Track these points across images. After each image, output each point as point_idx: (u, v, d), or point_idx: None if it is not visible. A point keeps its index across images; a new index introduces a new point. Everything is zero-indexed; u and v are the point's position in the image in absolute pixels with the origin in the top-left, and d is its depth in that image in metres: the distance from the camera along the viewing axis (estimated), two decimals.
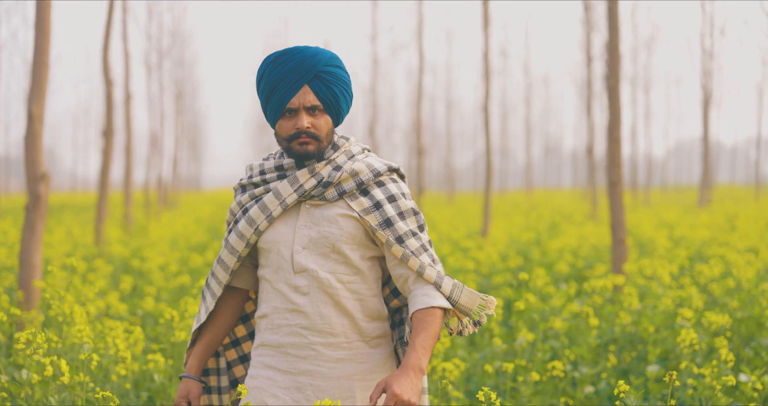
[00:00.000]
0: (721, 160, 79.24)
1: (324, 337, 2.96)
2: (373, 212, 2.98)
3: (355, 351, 3.00)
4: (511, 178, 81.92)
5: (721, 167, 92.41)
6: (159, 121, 25.17)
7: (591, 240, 12.61)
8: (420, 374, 2.77)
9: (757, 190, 38.63)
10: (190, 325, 5.39)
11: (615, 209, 8.25)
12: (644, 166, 40.97)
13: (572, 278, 10.15)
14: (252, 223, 3.01)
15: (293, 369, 2.98)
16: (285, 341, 2.99)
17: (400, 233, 2.97)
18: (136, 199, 28.25)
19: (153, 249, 11.60)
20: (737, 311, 6.95)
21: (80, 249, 11.48)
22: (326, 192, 2.99)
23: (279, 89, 2.96)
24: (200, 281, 9.58)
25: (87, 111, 62.19)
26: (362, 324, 3.01)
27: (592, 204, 22.89)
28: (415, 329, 2.88)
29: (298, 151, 2.98)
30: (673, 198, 40.40)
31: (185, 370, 3.17)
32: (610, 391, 5.93)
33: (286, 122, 2.98)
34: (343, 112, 3.02)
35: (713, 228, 15.21)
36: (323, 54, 2.98)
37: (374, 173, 3.02)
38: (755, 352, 6.26)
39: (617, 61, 8.50)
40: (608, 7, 8.57)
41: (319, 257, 2.98)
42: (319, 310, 2.96)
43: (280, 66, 2.96)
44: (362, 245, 3.01)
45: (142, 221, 18.85)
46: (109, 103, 12.53)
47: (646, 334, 6.41)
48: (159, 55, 24.85)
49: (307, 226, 2.99)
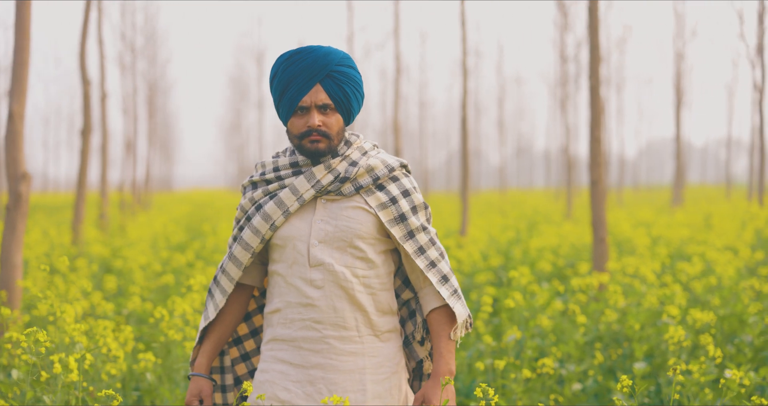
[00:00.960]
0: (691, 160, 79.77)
1: (337, 330, 3.00)
2: (389, 207, 3.05)
3: (367, 345, 3.04)
4: (483, 178, 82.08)
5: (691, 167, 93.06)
6: (132, 122, 25.04)
7: (570, 239, 12.68)
8: (451, 377, 2.97)
9: (727, 190, 39.00)
10: (178, 324, 5.38)
11: (596, 208, 8.29)
12: (617, 166, 41.22)
13: (553, 277, 10.20)
14: (268, 218, 3.05)
15: (305, 363, 3.01)
16: (298, 335, 3.02)
17: (412, 228, 3.06)
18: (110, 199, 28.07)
19: (133, 249, 11.54)
20: (719, 309, 7.02)
21: (58, 250, 11.40)
22: (343, 187, 3.04)
23: (292, 87, 3.00)
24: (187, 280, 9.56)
25: (58, 111, 61.80)
26: (374, 318, 3.06)
27: (567, 204, 23.02)
28: (437, 331, 3.04)
29: (309, 149, 3.02)
30: (645, 198, 40.68)
31: (194, 368, 3.18)
32: (597, 388, 5.97)
33: (298, 120, 3.03)
34: (354, 111, 3.07)
35: (690, 227, 15.33)
36: (336, 54, 3.03)
37: (389, 169, 3.09)
38: (738, 349, 6.33)
39: (598, 61, 8.54)
40: (589, 8, 8.61)
41: (336, 250, 3.02)
42: (332, 304, 3.00)
43: (294, 64, 3.01)
44: (377, 239, 3.07)
45: (117, 221, 18.75)
46: (86, 102, 12.45)
47: (631, 331, 6.45)
48: (132, 55, 24.72)
49: (323, 220, 3.03)
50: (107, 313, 6.23)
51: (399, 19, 19.14)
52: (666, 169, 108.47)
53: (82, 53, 12.62)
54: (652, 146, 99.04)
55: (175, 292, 8.51)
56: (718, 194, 43.04)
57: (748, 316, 6.62)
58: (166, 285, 8.44)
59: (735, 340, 6.57)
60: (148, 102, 29.27)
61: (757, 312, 6.61)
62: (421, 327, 3.18)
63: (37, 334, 3.35)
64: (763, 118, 19.47)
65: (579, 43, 25.73)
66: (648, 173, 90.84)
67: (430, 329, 3.07)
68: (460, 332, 3.09)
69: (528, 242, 12.07)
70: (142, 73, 28.04)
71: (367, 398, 3.01)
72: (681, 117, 27.15)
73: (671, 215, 20.84)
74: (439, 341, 3.02)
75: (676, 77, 27.27)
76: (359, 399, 3.00)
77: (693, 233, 13.39)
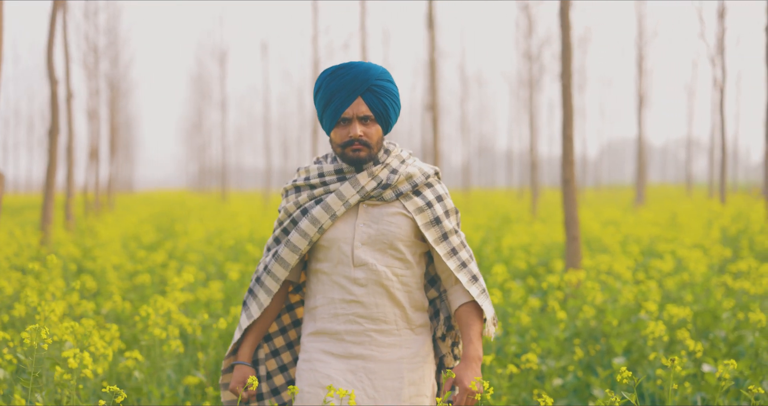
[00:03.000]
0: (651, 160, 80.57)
1: (378, 324, 3.30)
2: (425, 211, 3.33)
3: (404, 337, 3.34)
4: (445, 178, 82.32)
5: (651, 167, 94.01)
6: (95, 122, 24.84)
7: (540, 238, 12.78)
8: (480, 362, 3.23)
9: (688, 189, 39.49)
10: (160, 323, 5.37)
11: (568, 206, 8.35)
12: (579, 166, 41.48)
13: (526, 275, 10.29)
14: (316, 222, 3.30)
15: (347, 354, 3.30)
16: (342, 328, 3.30)
17: (445, 231, 3.35)
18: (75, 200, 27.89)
19: (105, 249, 11.47)
20: (692, 305, 7.13)
21: (27, 250, 11.29)
22: (384, 193, 3.32)
23: (335, 100, 3.27)
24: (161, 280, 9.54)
25: (17, 112, 61.12)
26: (410, 313, 3.36)
27: (532, 203, 23.17)
28: (466, 322, 3.31)
29: (351, 157, 3.30)
30: (608, 197, 41.03)
31: (238, 358, 3.43)
32: (576, 383, 6.05)
33: (341, 130, 3.30)
34: (392, 121, 3.34)
35: (657, 225, 15.52)
36: (375, 69, 3.30)
37: (425, 176, 3.38)
38: (712, 344, 6.44)
39: (570, 60, 8.59)
40: (560, 7, 8.68)
41: (377, 252, 3.30)
42: (374, 300, 3.29)
43: (337, 79, 3.27)
44: (413, 242, 3.35)
45: (82, 223, 18.60)
46: (54, 101, 12.35)
47: (609, 328, 6.54)
48: (95, 56, 24.54)
49: (366, 224, 3.31)
50: (88, 312, 6.20)
51: (365, 19, 19.17)
52: (626, 168, 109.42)
53: (50, 53, 12.52)
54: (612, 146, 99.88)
55: (151, 291, 8.48)
56: (679, 193, 43.54)
57: (722, 312, 6.74)
58: (142, 285, 8.41)
59: (709, 335, 6.69)
60: (110, 103, 29.06)
61: (730, 308, 6.72)
62: (443, 324, 3.46)
63: (41, 331, 3.35)
64: (724, 117, 19.70)
65: (542, 44, 25.93)
66: (609, 173, 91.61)
67: (459, 322, 3.33)
68: (489, 329, 3.36)
69: (500, 241, 12.15)
70: (105, 74, 27.83)
71: (403, 385, 3.29)
72: (643, 118, 27.43)
73: (636, 213, 21.06)
74: (469, 330, 3.28)
75: (638, 78, 27.52)
76: (396, 386, 3.29)
77: (661, 231, 13.56)
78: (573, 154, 8.35)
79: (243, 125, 68.22)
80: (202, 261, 10.94)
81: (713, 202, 23.17)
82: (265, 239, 13.55)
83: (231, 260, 10.98)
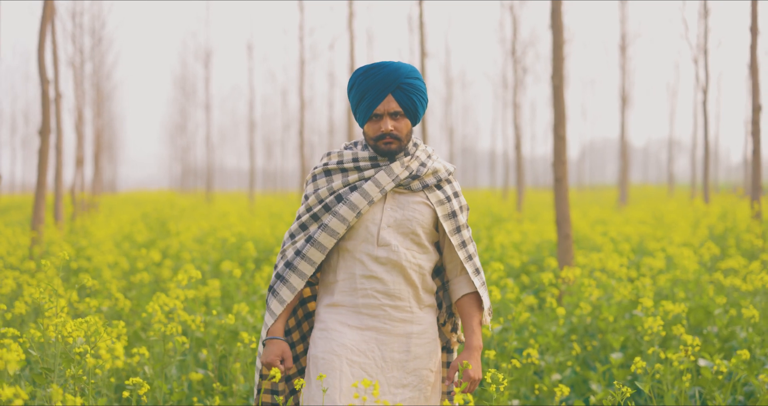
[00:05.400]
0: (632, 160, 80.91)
1: (393, 300, 3.56)
2: (445, 204, 3.64)
3: (415, 314, 3.60)
4: None
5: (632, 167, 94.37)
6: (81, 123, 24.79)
7: (530, 236, 12.89)
8: (480, 351, 3.59)
9: (670, 189, 39.70)
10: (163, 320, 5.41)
11: (560, 205, 8.42)
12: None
13: (518, 273, 10.38)
14: (354, 208, 3.53)
15: (362, 325, 3.55)
16: (360, 301, 3.56)
17: (459, 224, 3.66)
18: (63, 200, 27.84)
19: (99, 248, 11.49)
20: (685, 301, 7.24)
21: (19, 250, 11.30)
22: (412, 183, 3.60)
23: (367, 97, 3.54)
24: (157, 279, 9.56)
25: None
26: (421, 294, 3.62)
27: (518, 202, 23.28)
28: (468, 311, 3.66)
29: (383, 149, 3.57)
30: (591, 197, 41.21)
31: (271, 333, 3.59)
32: (574, 378, 6.15)
33: (373, 124, 3.57)
34: (420, 115, 3.61)
35: (646, 224, 15.65)
36: (405, 68, 3.57)
37: (447, 172, 3.69)
38: (705, 339, 6.55)
39: (561, 60, 8.66)
40: (552, 8, 8.76)
41: (400, 235, 3.56)
42: (392, 278, 3.55)
43: (369, 78, 3.54)
44: (430, 231, 3.65)
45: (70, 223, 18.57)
46: (45, 101, 12.33)
47: (604, 324, 6.64)
48: (81, 56, 24.50)
49: (393, 208, 3.58)
50: (90, 310, 6.24)
51: (353, 20, 19.23)
52: (607, 168, 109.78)
53: (41, 53, 12.50)
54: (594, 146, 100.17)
55: (148, 290, 8.52)
56: (661, 193, 43.79)
57: (714, 308, 6.84)
58: (140, 283, 8.45)
59: (703, 331, 6.80)
60: (95, 104, 29.00)
61: (722, 305, 6.83)
62: (445, 312, 3.78)
63: (66, 324, 3.40)
64: (707, 117, 19.88)
65: (526, 45, 26.06)
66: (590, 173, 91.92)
67: (461, 312, 3.68)
68: (485, 318, 3.71)
69: (493, 240, 12.24)
70: (89, 74, 27.78)
71: (409, 358, 3.56)
72: (626, 118, 27.59)
73: (622, 213, 21.20)
74: (471, 320, 3.63)
75: (622, 79, 27.69)
76: (403, 358, 3.56)
77: (650, 230, 13.69)
78: (565, 154, 8.42)
79: (225, 126, 68.15)
80: (196, 260, 10.98)
81: (697, 201, 23.34)
82: (258, 238, 13.59)
83: (227, 259, 11.02)
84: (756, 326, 6.11)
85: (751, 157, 14.62)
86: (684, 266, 8.08)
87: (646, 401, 5.75)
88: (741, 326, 6.50)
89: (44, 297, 4.53)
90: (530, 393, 5.83)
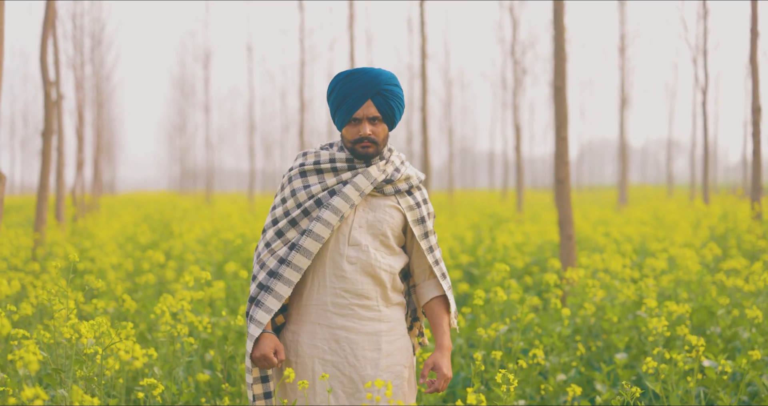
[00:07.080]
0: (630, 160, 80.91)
1: (360, 300, 3.64)
2: (415, 210, 3.76)
3: (382, 313, 3.69)
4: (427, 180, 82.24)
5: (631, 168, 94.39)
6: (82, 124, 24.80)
7: (532, 237, 12.91)
8: (450, 350, 3.70)
9: (669, 190, 39.75)
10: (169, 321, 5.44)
11: (562, 206, 8.45)
12: None
13: (520, 274, 10.41)
14: (337, 212, 3.61)
15: (332, 324, 3.63)
16: (328, 300, 3.64)
17: (427, 230, 3.78)
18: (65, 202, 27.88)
19: (102, 250, 11.51)
20: (688, 302, 7.27)
21: (22, 251, 11.31)
22: (385, 188, 3.71)
23: (347, 102, 3.62)
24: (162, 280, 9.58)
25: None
26: (389, 293, 3.71)
27: (518, 203, 23.30)
28: (437, 313, 3.77)
29: (360, 153, 3.65)
30: (590, 198, 41.23)
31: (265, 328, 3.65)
32: (579, 379, 6.17)
33: (352, 128, 3.66)
34: (397, 121, 3.72)
35: (647, 225, 15.68)
36: (384, 75, 3.66)
37: (418, 180, 3.82)
38: (709, 339, 6.58)
39: (563, 61, 8.68)
40: (554, 8, 8.79)
41: (370, 235, 3.66)
42: (360, 278, 3.64)
43: (349, 83, 3.63)
44: (398, 234, 3.75)
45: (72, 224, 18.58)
46: (48, 103, 12.36)
47: (608, 324, 6.67)
48: (81, 57, 24.52)
49: (365, 210, 3.68)
50: (97, 311, 6.27)
51: (354, 22, 19.24)
52: (606, 169, 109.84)
53: (43, 55, 12.52)
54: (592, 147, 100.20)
55: (152, 291, 8.54)
56: (660, 194, 43.82)
57: (717, 308, 6.87)
58: (145, 284, 8.48)
59: (706, 331, 6.83)
60: (95, 105, 29.02)
61: (725, 305, 6.86)
62: (410, 317, 3.90)
63: (80, 325, 3.43)
64: (707, 117, 19.92)
65: (525, 46, 26.07)
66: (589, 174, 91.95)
67: (431, 314, 3.79)
68: (452, 321, 3.81)
69: (496, 241, 12.27)
70: (89, 76, 27.80)
71: (381, 355, 3.64)
72: (625, 118, 27.62)
73: (622, 214, 21.22)
74: (441, 321, 3.75)
75: (621, 80, 27.71)
76: (375, 356, 3.63)
77: (651, 230, 13.72)
78: (568, 155, 8.44)
79: (224, 127, 68.11)
80: (200, 261, 11.01)
81: (697, 202, 23.37)
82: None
83: (230, 260, 11.04)
84: (759, 327, 6.14)
85: (751, 158, 14.65)
86: (686, 266, 8.11)
87: (650, 401, 5.78)
88: (744, 326, 6.53)
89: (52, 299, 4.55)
90: (536, 393, 5.86)
